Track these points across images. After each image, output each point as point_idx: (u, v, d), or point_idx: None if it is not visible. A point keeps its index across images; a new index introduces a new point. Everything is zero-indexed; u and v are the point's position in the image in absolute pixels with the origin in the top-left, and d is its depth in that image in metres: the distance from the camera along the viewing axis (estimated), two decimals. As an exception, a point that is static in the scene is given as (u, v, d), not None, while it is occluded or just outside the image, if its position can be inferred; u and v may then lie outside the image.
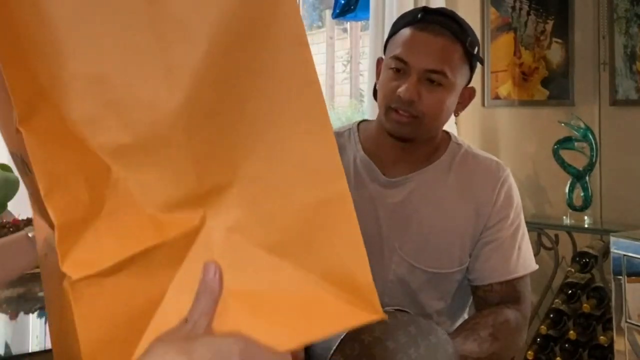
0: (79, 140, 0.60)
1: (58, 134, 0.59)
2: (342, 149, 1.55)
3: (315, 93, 0.63)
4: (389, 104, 1.42)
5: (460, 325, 1.45)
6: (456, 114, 1.51)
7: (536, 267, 1.53)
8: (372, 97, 1.56)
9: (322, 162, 0.64)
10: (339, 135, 1.58)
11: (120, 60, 0.60)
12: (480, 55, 1.50)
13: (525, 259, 1.50)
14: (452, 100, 1.44)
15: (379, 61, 1.51)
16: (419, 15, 1.41)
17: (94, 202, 0.59)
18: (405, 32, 1.42)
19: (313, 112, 0.63)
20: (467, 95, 1.49)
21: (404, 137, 1.45)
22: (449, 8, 3.11)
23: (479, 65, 1.51)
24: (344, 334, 1.23)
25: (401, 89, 1.38)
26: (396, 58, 1.41)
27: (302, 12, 3.84)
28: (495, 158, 1.54)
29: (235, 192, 0.63)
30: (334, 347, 1.23)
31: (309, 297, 0.64)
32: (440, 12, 1.46)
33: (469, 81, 1.49)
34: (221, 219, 0.63)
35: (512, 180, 1.51)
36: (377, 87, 1.49)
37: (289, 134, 0.63)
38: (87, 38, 0.59)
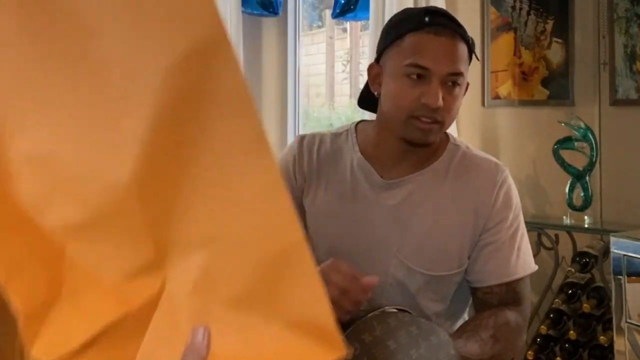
0: (30, 222, 0.60)
1: (9, 219, 0.59)
2: (339, 151, 1.54)
3: (263, 148, 0.63)
4: (412, 113, 1.40)
5: (461, 326, 1.45)
6: None
7: (535, 267, 1.53)
8: (369, 101, 1.54)
9: (274, 215, 0.64)
10: (336, 136, 1.56)
11: (68, 139, 0.60)
12: (478, 54, 1.50)
13: (524, 261, 1.49)
14: (462, 97, 1.46)
15: (371, 67, 1.49)
16: (427, 19, 1.39)
17: (53, 284, 0.60)
18: (418, 37, 1.39)
19: (262, 167, 0.64)
20: (464, 89, 1.49)
21: (426, 144, 1.45)
22: (449, 8, 3.12)
23: (479, 64, 1.51)
24: (345, 333, 1.23)
25: (428, 97, 1.37)
26: (415, 65, 1.38)
27: (301, 11, 3.83)
28: (493, 159, 1.53)
29: (192, 254, 0.64)
30: None
31: (275, 345, 0.65)
32: (440, 13, 1.45)
33: None
34: (181, 282, 0.64)
35: (510, 181, 1.51)
36: (383, 96, 1.46)
37: (240, 192, 0.64)
38: (32, 120, 0.59)
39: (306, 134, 1.60)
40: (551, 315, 2.88)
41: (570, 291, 2.88)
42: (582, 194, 2.90)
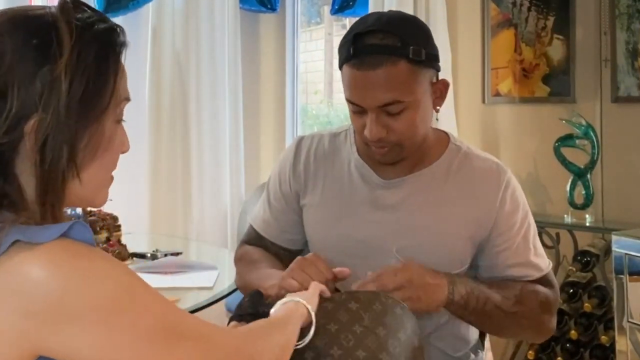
0: None
1: None
2: (337, 152, 1.54)
3: None
4: (364, 140, 1.40)
5: (490, 281, 1.46)
6: (436, 110, 1.46)
7: (550, 263, 1.53)
8: None
9: None
10: (335, 136, 1.57)
11: None
12: (478, 51, 1.45)
13: (542, 257, 1.50)
14: (423, 111, 1.39)
15: None
16: (351, 51, 1.33)
17: None
18: (346, 71, 1.36)
19: None
20: (442, 89, 1.44)
21: (393, 162, 1.45)
22: (449, 5, 3.09)
23: (479, 61, 1.47)
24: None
25: (366, 131, 1.36)
26: (348, 101, 1.38)
27: (299, 8, 3.80)
28: (495, 159, 1.52)
29: None
30: None
31: None
32: (372, 31, 1.33)
33: (437, 74, 1.42)
34: None
35: (514, 181, 1.49)
36: None
37: None
38: None
39: (305, 135, 1.60)
40: (552, 315, 2.86)
41: (571, 290, 2.86)
42: (583, 192, 2.88)
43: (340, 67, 1.39)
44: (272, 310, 1.12)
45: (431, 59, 1.37)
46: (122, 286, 0.82)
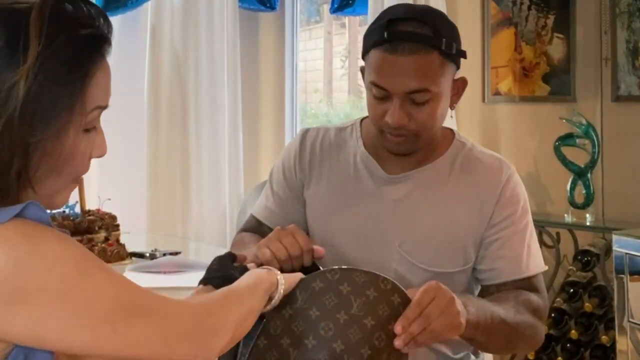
0: None
1: None
2: (343, 145, 1.54)
3: None
4: (381, 128, 1.40)
5: (478, 272, 1.44)
6: (452, 107, 1.46)
7: (545, 267, 1.51)
8: None
9: None
10: (341, 130, 1.57)
11: None
12: (478, 50, 1.45)
13: (535, 258, 1.47)
14: (443, 105, 1.40)
15: (362, 69, 1.46)
16: (385, 35, 1.33)
17: None
18: (376, 55, 1.35)
19: None
20: (460, 86, 1.45)
21: (404, 154, 1.44)
22: (449, 3, 3.09)
23: (479, 60, 1.47)
24: (267, 311, 1.11)
25: (388, 117, 1.35)
26: (374, 85, 1.37)
27: (299, 6, 3.80)
28: (499, 156, 1.52)
29: None
30: (259, 329, 1.14)
31: None
32: (407, 19, 1.35)
33: (457, 70, 1.43)
34: None
35: (517, 178, 1.49)
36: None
37: None
38: None
39: (310, 128, 1.60)
40: (552, 315, 2.85)
41: (571, 290, 2.85)
42: (583, 192, 2.87)
43: (367, 52, 1.38)
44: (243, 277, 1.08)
45: (459, 55, 1.39)
46: (75, 266, 0.81)
